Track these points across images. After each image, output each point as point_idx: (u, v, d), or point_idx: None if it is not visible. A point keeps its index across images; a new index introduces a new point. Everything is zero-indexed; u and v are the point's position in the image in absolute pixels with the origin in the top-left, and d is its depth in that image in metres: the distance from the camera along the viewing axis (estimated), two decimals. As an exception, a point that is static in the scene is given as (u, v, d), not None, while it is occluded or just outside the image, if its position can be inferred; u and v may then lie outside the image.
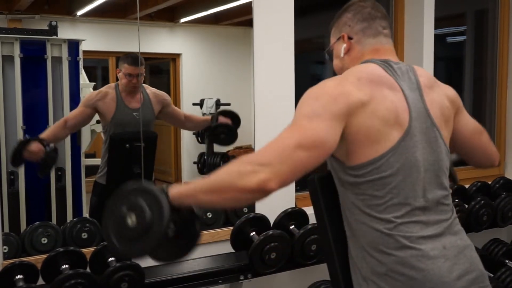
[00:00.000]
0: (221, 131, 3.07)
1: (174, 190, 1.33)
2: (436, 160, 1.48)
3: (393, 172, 1.40)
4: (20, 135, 2.56)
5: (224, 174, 1.31)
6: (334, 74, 1.64)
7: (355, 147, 1.40)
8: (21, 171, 2.59)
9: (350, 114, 1.36)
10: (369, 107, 1.38)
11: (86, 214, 2.74)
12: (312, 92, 1.41)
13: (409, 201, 1.41)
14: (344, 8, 1.62)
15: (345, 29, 1.59)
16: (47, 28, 2.68)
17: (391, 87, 1.45)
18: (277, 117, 2.53)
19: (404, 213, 1.41)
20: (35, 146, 2.51)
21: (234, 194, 1.28)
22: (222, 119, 3.04)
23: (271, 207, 2.44)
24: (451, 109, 1.59)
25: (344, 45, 1.58)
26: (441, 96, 1.56)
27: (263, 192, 1.25)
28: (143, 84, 2.88)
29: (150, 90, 2.91)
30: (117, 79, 2.83)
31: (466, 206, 2.91)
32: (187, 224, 1.39)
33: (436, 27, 3.11)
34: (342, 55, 1.60)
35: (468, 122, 1.69)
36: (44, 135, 2.58)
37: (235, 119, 3.05)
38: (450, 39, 4.00)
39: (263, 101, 2.51)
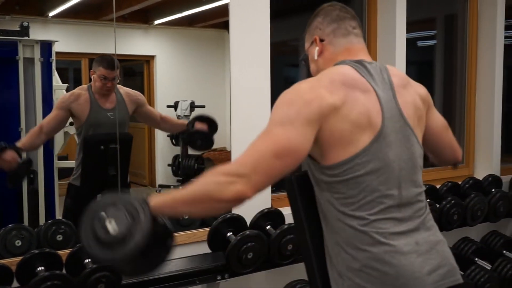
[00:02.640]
0: (198, 137, 3.04)
1: (154, 201, 1.37)
2: (410, 158, 1.52)
3: (366, 172, 1.43)
4: (-9, 137, 2.52)
5: (202, 185, 1.37)
6: (308, 77, 1.66)
7: (329, 149, 1.44)
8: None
9: (323, 118, 1.41)
10: (341, 111, 1.42)
11: (59, 216, 2.69)
12: (286, 97, 1.45)
13: (382, 199, 1.44)
14: (314, 14, 1.69)
15: (316, 32, 1.65)
16: (18, 28, 2.64)
17: (363, 89, 1.48)
18: (253, 119, 2.54)
19: (378, 211, 1.44)
20: (9, 155, 2.43)
21: (212, 204, 1.35)
22: (198, 125, 2.99)
23: (248, 207, 2.40)
24: (423, 108, 1.63)
25: (317, 48, 1.63)
26: (414, 95, 1.60)
27: (240, 201, 1.34)
28: (117, 85, 2.86)
29: (123, 90, 2.88)
30: (90, 81, 2.81)
31: (438, 205, 2.98)
32: (159, 238, 1.39)
33: (406, 31, 3.16)
34: (316, 57, 1.64)
35: (438, 119, 1.75)
36: (20, 143, 2.52)
37: (212, 125, 3.01)
38: (420, 43, 4.08)
39: (239, 103, 2.53)
